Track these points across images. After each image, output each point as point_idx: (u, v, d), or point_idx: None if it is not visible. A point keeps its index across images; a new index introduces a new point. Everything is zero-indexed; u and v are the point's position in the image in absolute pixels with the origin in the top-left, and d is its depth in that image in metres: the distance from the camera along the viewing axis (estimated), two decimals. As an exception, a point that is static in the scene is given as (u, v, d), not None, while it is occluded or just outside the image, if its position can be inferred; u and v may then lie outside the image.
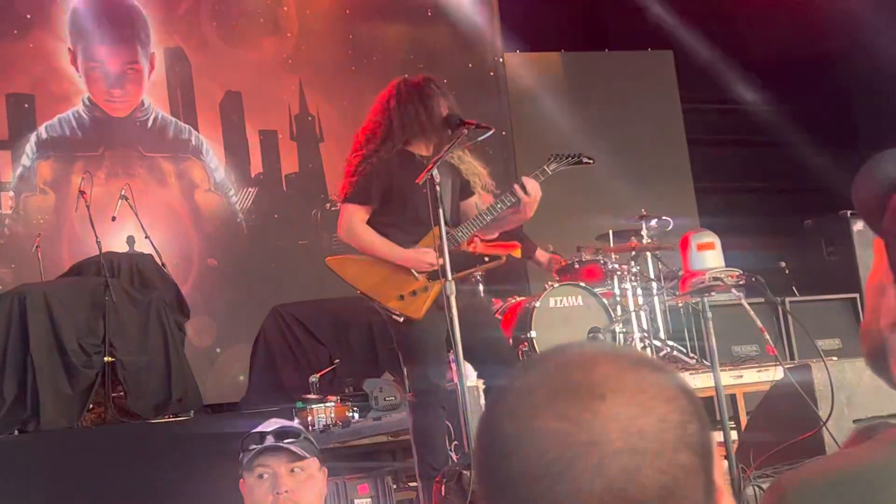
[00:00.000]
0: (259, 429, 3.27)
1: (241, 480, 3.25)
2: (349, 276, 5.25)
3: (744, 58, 11.01)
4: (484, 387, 5.36)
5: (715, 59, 10.92)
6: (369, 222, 5.18)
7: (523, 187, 5.05)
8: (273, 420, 3.32)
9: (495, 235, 7.44)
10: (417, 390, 5.13)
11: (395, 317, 5.11)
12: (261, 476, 3.18)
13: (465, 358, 5.12)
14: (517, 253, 7.10)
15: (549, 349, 1.07)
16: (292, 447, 3.19)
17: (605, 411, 0.97)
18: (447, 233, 4.97)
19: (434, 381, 5.09)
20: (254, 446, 3.20)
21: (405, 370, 5.30)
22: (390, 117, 5.18)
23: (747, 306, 5.12)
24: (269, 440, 3.20)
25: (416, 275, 5.11)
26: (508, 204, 5.12)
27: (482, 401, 5.34)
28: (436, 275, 5.05)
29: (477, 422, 1.07)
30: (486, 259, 5.27)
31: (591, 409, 0.98)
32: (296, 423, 4.71)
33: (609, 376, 1.00)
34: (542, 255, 7.84)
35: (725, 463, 4.92)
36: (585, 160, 5.34)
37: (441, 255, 4.92)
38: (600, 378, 1.00)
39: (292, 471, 3.19)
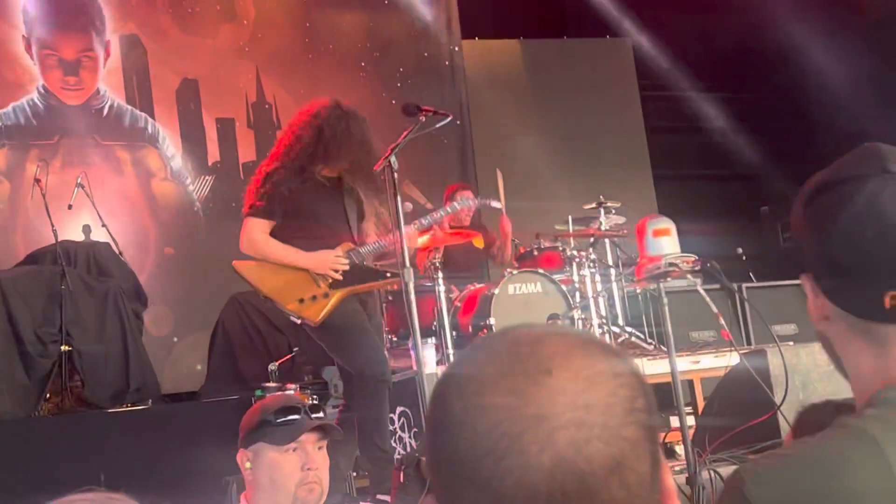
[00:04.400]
0: (282, 403, 3.03)
1: (242, 451, 3.02)
2: (253, 279, 5.40)
3: (702, 46, 11.07)
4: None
5: (673, 48, 10.98)
6: (277, 234, 5.31)
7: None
8: (284, 395, 3.10)
9: (459, 224, 7.53)
10: (361, 378, 5.21)
11: (293, 319, 5.30)
12: (293, 450, 2.96)
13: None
14: (479, 242, 7.12)
15: (498, 330, 1.08)
16: (324, 424, 3.00)
17: (552, 385, 0.98)
18: (354, 250, 5.30)
19: (375, 366, 5.21)
20: (294, 416, 2.97)
21: (344, 365, 5.40)
22: (312, 135, 5.25)
23: (703, 292, 5.15)
24: (307, 415, 2.98)
25: (318, 282, 5.25)
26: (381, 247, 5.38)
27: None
28: (337, 284, 5.24)
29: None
30: (388, 275, 5.36)
31: (538, 384, 0.98)
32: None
33: (557, 353, 1.01)
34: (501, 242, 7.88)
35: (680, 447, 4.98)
36: None
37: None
38: (548, 354, 1.01)
39: (319, 448, 3.02)
